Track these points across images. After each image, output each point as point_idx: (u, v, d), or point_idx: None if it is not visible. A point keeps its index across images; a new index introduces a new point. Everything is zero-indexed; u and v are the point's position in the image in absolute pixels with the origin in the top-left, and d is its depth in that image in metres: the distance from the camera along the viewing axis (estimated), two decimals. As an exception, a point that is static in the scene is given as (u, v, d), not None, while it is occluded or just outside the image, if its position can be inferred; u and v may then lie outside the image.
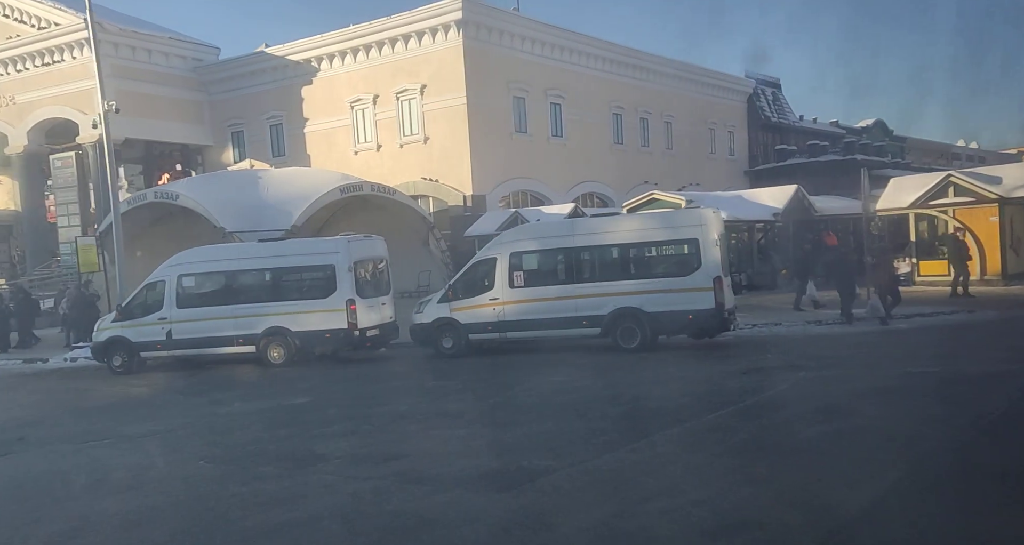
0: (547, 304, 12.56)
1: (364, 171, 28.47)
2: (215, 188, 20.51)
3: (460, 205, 27.72)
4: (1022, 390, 8.23)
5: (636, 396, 8.94)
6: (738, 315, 15.73)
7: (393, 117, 28.43)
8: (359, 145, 29.27)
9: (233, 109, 31.12)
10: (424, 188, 28.40)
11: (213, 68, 30.75)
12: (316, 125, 30.01)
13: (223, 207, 19.17)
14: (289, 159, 29.91)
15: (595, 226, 12.91)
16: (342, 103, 29.24)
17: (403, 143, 28.49)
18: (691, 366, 10.94)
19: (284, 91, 30.15)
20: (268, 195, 20.89)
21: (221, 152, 31.64)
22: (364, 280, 13.42)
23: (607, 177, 32.70)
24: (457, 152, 27.43)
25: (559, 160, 30.78)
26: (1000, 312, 14.53)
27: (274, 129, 30.91)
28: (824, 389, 8.90)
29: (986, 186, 18.18)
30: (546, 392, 9.42)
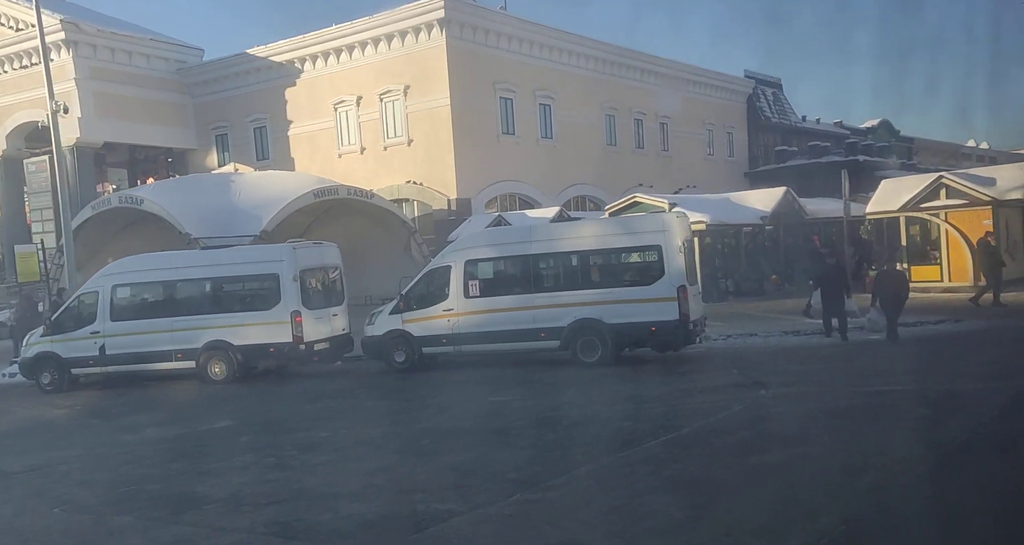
0: (504, 315, 11.88)
1: (348, 174, 27.93)
2: (184, 192, 19.99)
3: (445, 209, 27.11)
4: (990, 414, 7.51)
5: (579, 419, 8.26)
6: (714, 324, 15.07)
7: (377, 119, 27.88)
8: (343, 148, 28.74)
9: (217, 112, 30.70)
10: (408, 192, 27.83)
11: (196, 70, 30.34)
12: (300, 128, 29.52)
13: (190, 212, 18.64)
14: (273, 162, 29.44)
15: (554, 232, 12.20)
16: (326, 105, 28.74)
17: (387, 146, 27.92)
18: (648, 383, 10.24)
19: (268, 93, 29.70)
20: (240, 200, 20.37)
21: (206, 156, 31.22)
22: (313, 290, 12.75)
23: (599, 180, 31.94)
24: (441, 155, 26.84)
25: (548, 162, 30.09)
26: (989, 321, 13.72)
27: (258, 132, 30.45)
28: (779, 411, 8.21)
29: (979, 188, 17.32)
30: (485, 414, 8.76)
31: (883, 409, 7.97)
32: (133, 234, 20.54)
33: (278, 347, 12.04)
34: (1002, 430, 6.94)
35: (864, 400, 8.40)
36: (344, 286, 13.54)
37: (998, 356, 10.59)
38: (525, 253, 11.99)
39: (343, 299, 13.34)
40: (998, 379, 9.06)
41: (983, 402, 8.01)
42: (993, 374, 9.34)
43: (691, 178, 36.47)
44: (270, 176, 23.47)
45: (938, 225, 17.79)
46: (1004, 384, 8.78)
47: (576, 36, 31.51)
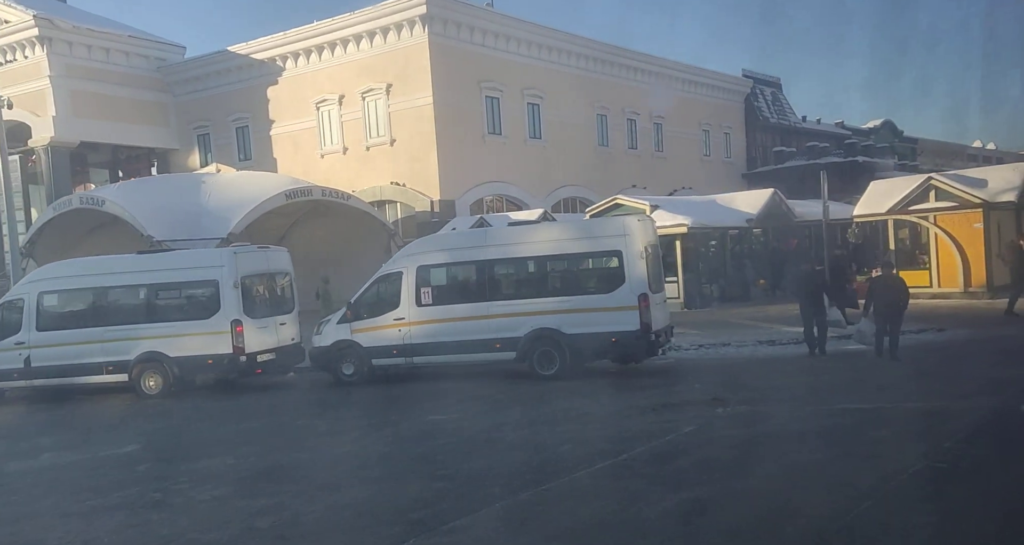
0: (457, 325, 11.22)
1: (330, 175, 27.42)
2: (150, 193, 19.45)
3: (428, 211, 26.50)
4: (954, 437, 6.84)
5: (515, 442, 7.61)
6: (689, 333, 14.39)
7: (359, 118, 27.30)
8: (325, 148, 28.18)
9: (199, 111, 30.19)
10: (391, 193, 27.24)
11: (177, 68, 29.83)
12: (282, 127, 28.98)
13: (155, 214, 18.08)
14: (256, 163, 28.92)
15: (510, 237, 11.51)
16: (308, 104, 28.19)
17: (369, 146, 27.34)
18: (601, 400, 9.57)
19: (250, 92, 29.17)
20: (209, 201, 19.81)
21: (188, 156, 30.72)
22: (258, 297, 12.06)
23: (590, 181, 31.19)
24: (424, 155, 26.24)
25: (537, 163, 29.42)
26: (975, 331, 12.98)
27: (240, 131, 29.93)
28: (730, 434, 7.54)
29: (969, 190, 16.55)
30: (417, 435, 8.10)
31: (840, 432, 7.31)
32: (101, 236, 20.02)
33: (217, 359, 11.33)
34: (962, 457, 6.31)
35: (823, 421, 7.74)
36: (295, 293, 12.87)
37: (976, 370, 9.91)
38: (480, 258, 11.32)
39: (293, 307, 12.67)
40: (971, 396, 8.43)
41: (949, 423, 7.39)
42: (967, 391, 8.69)
43: (686, 179, 35.75)
44: (243, 177, 22.91)
45: (927, 228, 17.02)
46: (976, 402, 8.16)
47: (566, 34, 30.83)
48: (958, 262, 16.43)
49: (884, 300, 10.57)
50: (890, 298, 10.53)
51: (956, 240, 16.42)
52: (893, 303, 10.53)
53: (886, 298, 10.54)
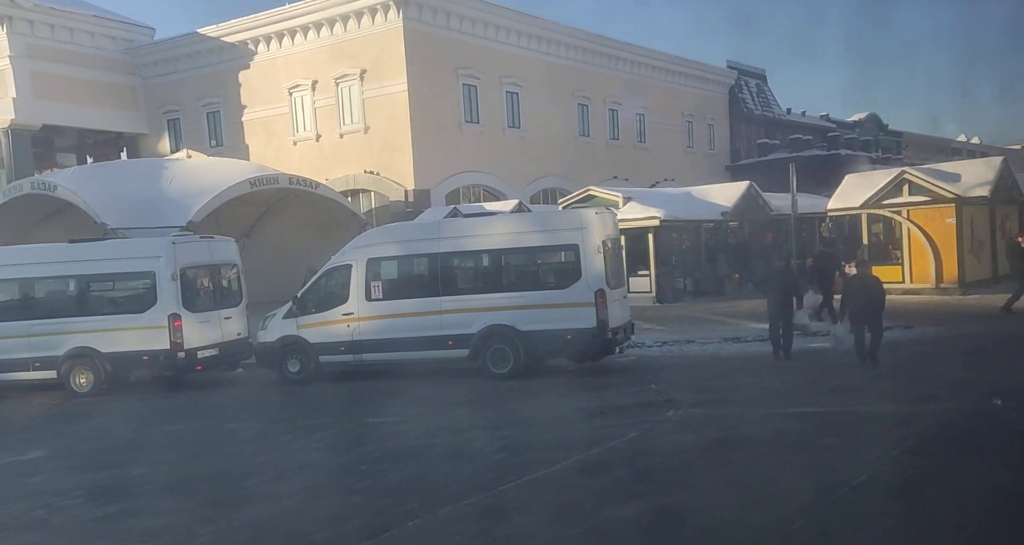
0: (408, 321, 10.79)
1: (303, 163, 26.80)
2: (107, 179, 18.78)
3: (402, 201, 25.96)
4: (904, 445, 6.54)
5: (449, 449, 7.21)
6: (655, 329, 14.05)
7: (333, 105, 26.64)
8: (298, 135, 27.51)
9: (168, 95, 29.38)
10: (365, 182, 26.68)
11: (145, 50, 28.98)
12: (254, 113, 28.24)
13: (111, 200, 17.43)
14: (227, 149, 28.20)
15: (464, 229, 11.07)
16: (280, 89, 27.48)
17: (343, 133, 26.71)
18: (550, 402, 9.19)
19: (220, 76, 28.39)
20: (170, 188, 19.16)
21: (158, 141, 29.93)
22: (200, 290, 11.54)
23: (571, 172, 30.68)
24: (399, 143, 25.67)
25: (516, 153, 28.91)
26: (943, 328, 12.71)
27: (211, 117, 29.16)
28: (676, 439, 7.19)
29: (942, 184, 16.27)
30: (347, 442, 7.68)
31: (789, 438, 6.99)
32: (55, 224, 19.34)
33: (153, 355, 10.80)
34: (907, 468, 6.00)
35: (774, 425, 7.42)
36: (243, 285, 12.33)
37: (940, 370, 9.65)
38: (432, 251, 10.88)
39: (240, 300, 12.14)
40: (930, 399, 8.15)
41: (902, 429, 7.09)
42: (927, 393, 8.41)
43: (669, 171, 35.40)
44: (207, 163, 22.27)
45: (900, 223, 16.74)
46: (933, 406, 7.87)
47: (546, 21, 30.25)
48: (930, 257, 16.19)
49: (861, 301, 9.71)
50: (867, 299, 9.68)
51: (928, 235, 16.16)
52: (870, 304, 9.68)
53: (862, 299, 9.70)
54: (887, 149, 49.23)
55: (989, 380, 8.90)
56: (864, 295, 9.70)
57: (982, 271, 17.07)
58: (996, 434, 6.86)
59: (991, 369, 9.64)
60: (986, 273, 17.23)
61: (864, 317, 9.71)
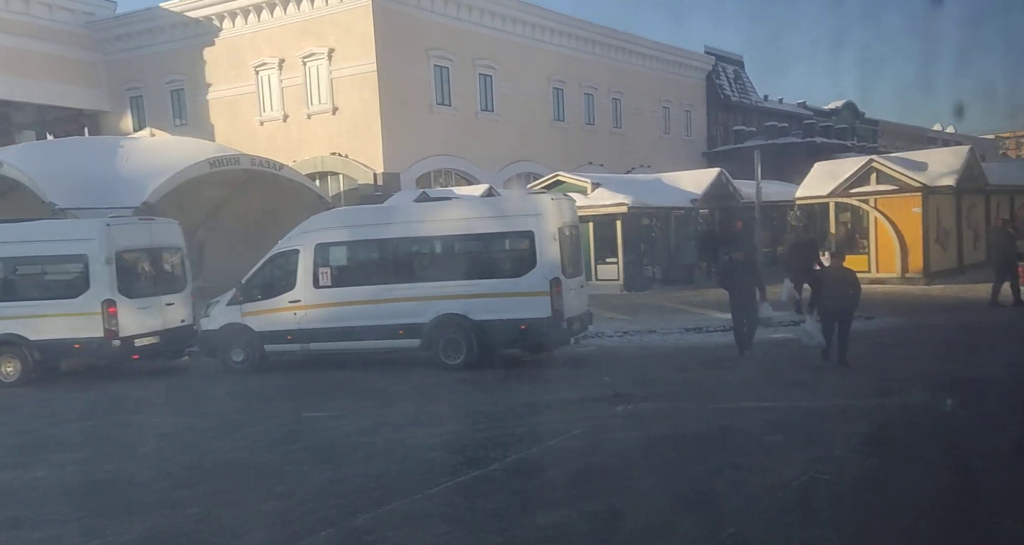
0: (358, 309, 10.42)
1: (271, 144, 26.09)
2: (58, 156, 18.01)
3: (371, 184, 25.40)
4: (848, 442, 6.38)
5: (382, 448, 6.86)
6: (618, 318, 13.84)
7: (300, 85, 25.90)
8: (265, 115, 26.75)
9: (131, 71, 28.37)
10: (333, 164, 26.06)
11: (106, 24, 27.90)
12: (220, 91, 27.39)
13: (61, 178, 16.68)
14: (191, 128, 27.34)
15: (416, 214, 10.68)
16: (246, 67, 26.65)
17: (311, 114, 26.01)
18: (499, 394, 8.91)
19: (184, 52, 27.45)
20: (125, 167, 18.44)
21: (120, 119, 28.93)
22: (139, 274, 11.02)
23: (545, 156, 30.25)
24: (368, 125, 25.06)
25: (489, 137, 28.41)
26: (905, 318, 12.65)
27: (175, 94, 28.23)
28: (621, 436, 6.98)
29: (909, 173, 16.17)
30: (273, 439, 7.23)
31: (734, 435, 6.80)
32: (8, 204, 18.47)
33: (86, 343, 10.27)
34: (848, 467, 5.83)
35: (722, 421, 7.21)
36: (187, 270, 11.83)
37: (897, 363, 9.55)
38: (383, 237, 10.49)
39: (185, 285, 11.63)
40: (883, 393, 8.00)
41: (849, 425, 6.93)
42: (881, 386, 8.28)
43: (645, 157, 35.13)
44: (166, 142, 21.50)
45: (868, 212, 16.64)
46: (886, 400, 7.75)
47: (521, 3, 29.65)
48: (896, 247, 16.13)
49: (834, 296, 9.06)
50: (840, 293, 9.02)
51: (895, 224, 16.09)
52: (843, 299, 9.03)
53: (836, 294, 9.03)
54: (863, 137, 49.42)
55: (943, 373, 8.82)
56: (838, 289, 9.07)
57: (948, 261, 17.08)
58: (942, 432, 6.75)
59: (946, 362, 9.58)
60: (952, 263, 17.25)
61: (836, 313, 9.11)
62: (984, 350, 10.26)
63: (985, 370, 8.91)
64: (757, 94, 46.38)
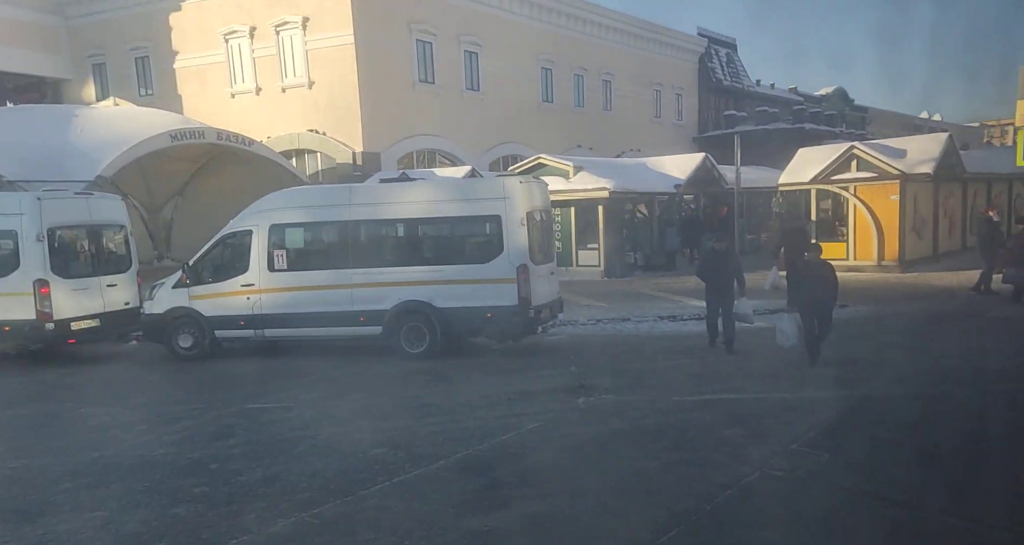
0: (316, 294, 9.92)
1: (243, 118, 25.23)
2: (10, 126, 17.21)
3: (350, 163, 24.69)
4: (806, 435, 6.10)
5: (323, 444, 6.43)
6: (595, 305, 13.43)
7: (274, 55, 24.96)
8: (236, 86, 25.82)
9: (94, 37, 27.24)
10: (310, 142, 25.29)
11: (69, -13, 26.71)
12: (187, 60, 26.36)
13: (10, 150, 15.89)
14: (157, 99, 26.38)
15: (378, 195, 10.12)
16: (215, 35, 25.62)
17: (285, 87, 25.15)
18: (459, 385, 8.49)
19: (149, 17, 26.32)
20: (80, 138, 17.63)
21: (82, 87, 27.85)
22: (77, 253, 10.39)
23: (533, 138, 29.61)
24: (346, 101, 24.26)
25: (475, 117, 27.73)
26: (878, 307, 12.39)
27: (140, 62, 27.14)
28: (577, 431, 6.64)
29: (888, 160, 15.81)
30: (209, 432, 6.75)
31: (691, 429, 6.49)
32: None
33: (16, 326, 9.66)
34: (801, 463, 5.58)
35: (682, 415, 6.90)
36: (132, 248, 11.21)
37: (866, 352, 9.25)
38: (343, 219, 9.95)
39: (129, 265, 11.03)
40: (844, 385, 7.75)
41: (809, 417, 6.65)
42: (842, 378, 8.01)
43: (635, 141, 34.56)
44: (126, 112, 20.65)
45: (848, 199, 16.26)
46: (845, 393, 7.48)
47: (509, -23, 28.77)
48: (873, 234, 15.82)
49: (814, 292, 8.41)
50: (819, 289, 8.36)
51: (873, 212, 15.75)
52: (824, 295, 8.40)
53: (816, 289, 8.37)
54: (852, 124, 49.11)
55: (907, 363, 8.63)
56: (817, 285, 8.39)
57: (923, 249, 16.83)
58: (899, 425, 6.50)
59: (912, 351, 9.36)
60: (927, 251, 17.01)
61: (816, 310, 8.44)
62: (952, 339, 10.04)
63: (950, 360, 8.74)
64: (750, 78, 45.82)
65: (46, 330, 9.79)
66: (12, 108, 20.76)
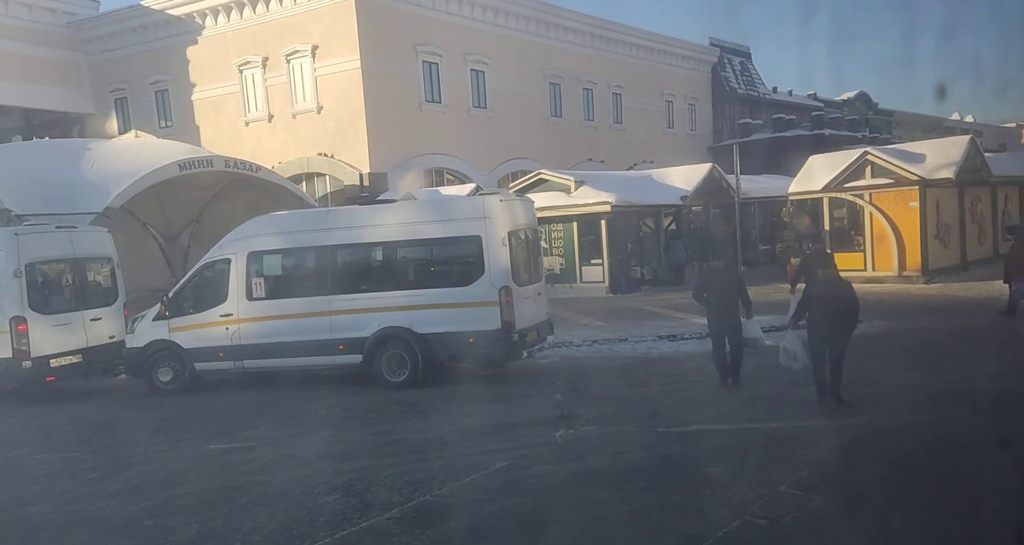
0: (294, 323, 9.64)
1: (256, 145, 25.51)
2: (20, 160, 17.46)
3: (357, 185, 24.70)
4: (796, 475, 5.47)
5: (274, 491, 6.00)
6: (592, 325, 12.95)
7: (285, 83, 25.25)
8: (250, 115, 26.14)
9: (115, 72, 27.90)
10: (319, 165, 25.41)
11: (89, 24, 27.44)
12: (204, 91, 26.83)
13: (19, 183, 16.06)
14: (176, 130, 26.86)
15: (356, 218, 9.84)
16: (230, 66, 26.05)
17: (296, 113, 25.38)
18: (432, 420, 8.07)
19: (168, 52, 26.92)
20: (90, 171, 17.83)
21: (105, 121, 28.46)
22: (58, 287, 10.25)
23: (542, 154, 29.28)
24: (353, 124, 24.38)
25: (482, 134, 27.60)
26: (894, 322, 11.62)
27: (160, 95, 27.73)
28: (549, 470, 6.20)
29: (906, 166, 15.06)
30: (158, 480, 6.36)
31: (673, 466, 5.98)
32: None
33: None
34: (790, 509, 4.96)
35: (665, 449, 6.43)
36: (119, 281, 11.06)
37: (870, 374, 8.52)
38: (321, 244, 9.68)
39: (116, 298, 10.88)
40: (846, 414, 7.12)
41: (802, 453, 6.05)
42: (847, 403, 7.34)
43: (648, 153, 34.02)
44: (137, 144, 20.94)
45: (863, 207, 15.53)
46: (846, 422, 6.86)
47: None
48: (893, 244, 15.05)
49: (826, 311, 7.23)
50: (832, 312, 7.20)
51: (891, 220, 15.00)
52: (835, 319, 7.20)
53: (828, 308, 7.24)
54: (876, 128, 47.90)
55: (920, 387, 7.94)
56: (830, 307, 7.20)
57: (949, 257, 15.97)
58: (906, 460, 5.87)
59: (931, 371, 8.65)
60: (953, 259, 16.13)
61: (828, 332, 7.19)
62: (977, 357, 9.26)
63: (973, 382, 8.00)
64: (765, 86, 45.07)
65: (23, 369, 9.59)
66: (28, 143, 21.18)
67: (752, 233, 21.08)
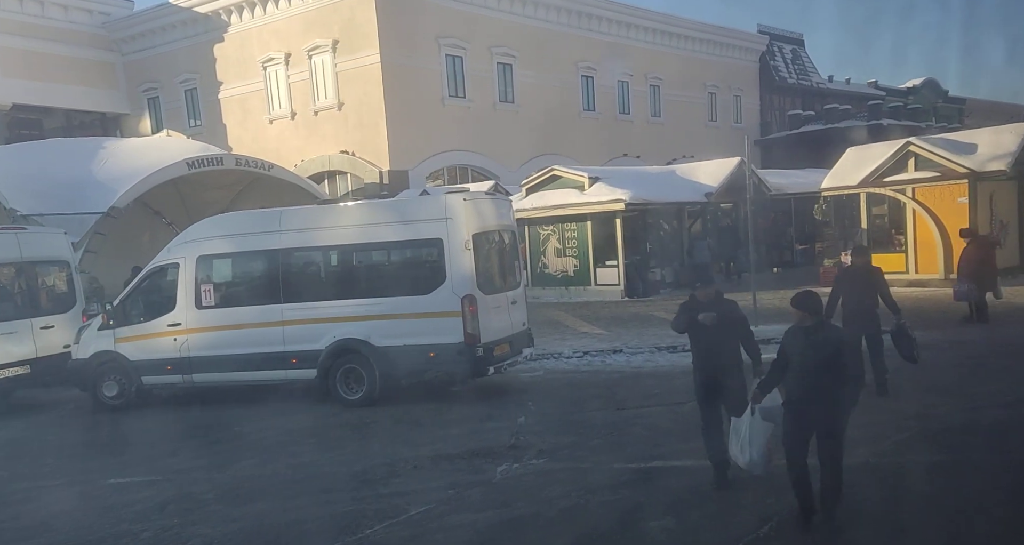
0: (245, 333, 8.89)
1: (280, 143, 25.32)
2: (30, 159, 17.49)
3: (377, 183, 24.14)
4: (755, 532, 4.29)
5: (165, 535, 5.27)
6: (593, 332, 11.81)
7: (307, 79, 24.92)
8: (274, 113, 25.97)
9: (147, 71, 28.20)
10: (340, 163, 25.00)
11: (122, 23, 27.76)
12: (230, 89, 26.79)
13: (28, 183, 16.04)
14: (205, 129, 26.96)
15: (309, 219, 8.98)
16: (254, 63, 25.92)
17: (317, 110, 25.02)
18: (373, 446, 7.19)
19: (195, 50, 27.00)
20: (101, 170, 17.77)
21: (139, 121, 28.82)
22: (5, 293, 9.69)
23: (574, 150, 28.13)
24: (373, 120, 23.85)
25: (510, 130, 26.65)
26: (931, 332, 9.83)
27: (189, 94, 27.86)
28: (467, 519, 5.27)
29: (953, 157, 13.24)
30: (8, 537, 5.60)
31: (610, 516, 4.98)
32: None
33: None
34: None
35: (607, 495, 5.36)
36: (77, 286, 10.50)
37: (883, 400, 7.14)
38: (272, 247, 8.88)
39: (72, 304, 10.32)
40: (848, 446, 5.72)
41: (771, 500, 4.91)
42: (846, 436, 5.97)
43: (688, 148, 32.37)
44: (146, 143, 20.87)
45: (905, 203, 13.77)
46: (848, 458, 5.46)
47: (542, -16, 27.61)
48: (938, 243, 13.25)
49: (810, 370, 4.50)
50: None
51: (936, 217, 13.21)
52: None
53: None
54: (944, 117, 44.43)
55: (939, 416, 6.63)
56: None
57: (1005, 259, 13.95)
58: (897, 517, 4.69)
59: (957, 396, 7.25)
60: (1011, 261, 14.11)
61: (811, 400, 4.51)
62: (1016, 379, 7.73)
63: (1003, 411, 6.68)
64: (820, 74, 42.41)
65: (-44, 382, 9.13)
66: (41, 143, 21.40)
67: (788, 232, 19.38)
